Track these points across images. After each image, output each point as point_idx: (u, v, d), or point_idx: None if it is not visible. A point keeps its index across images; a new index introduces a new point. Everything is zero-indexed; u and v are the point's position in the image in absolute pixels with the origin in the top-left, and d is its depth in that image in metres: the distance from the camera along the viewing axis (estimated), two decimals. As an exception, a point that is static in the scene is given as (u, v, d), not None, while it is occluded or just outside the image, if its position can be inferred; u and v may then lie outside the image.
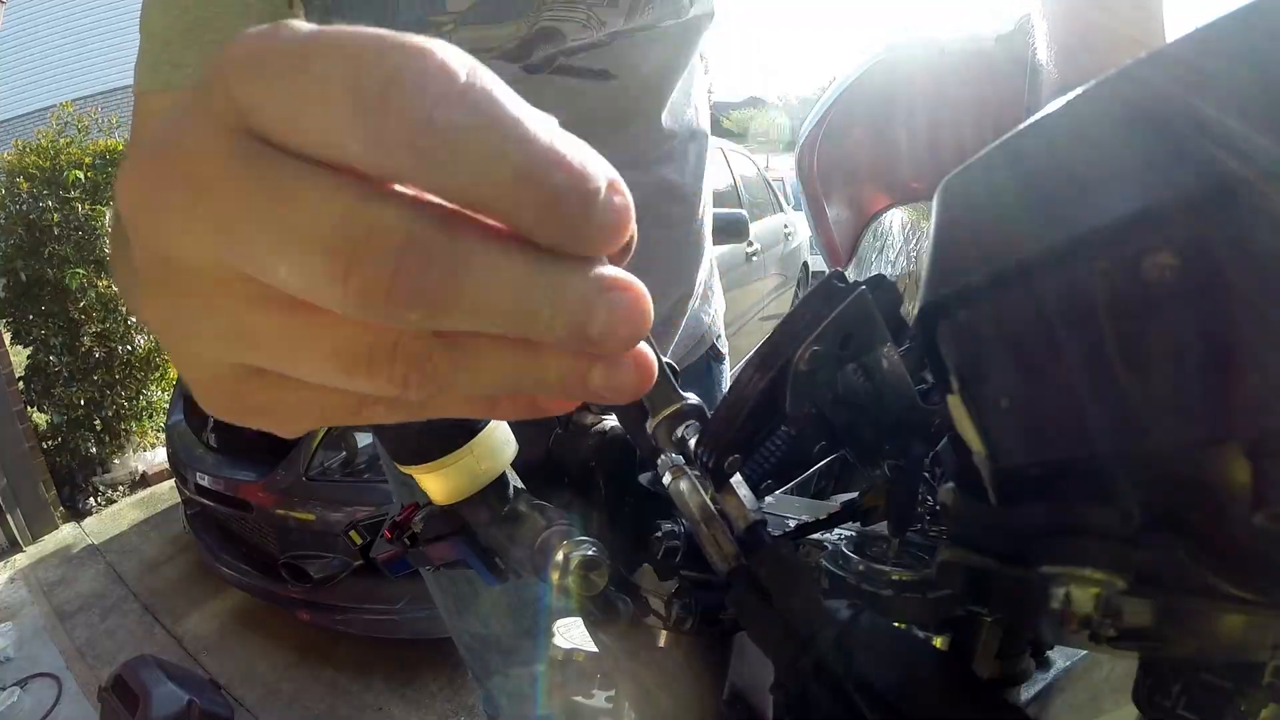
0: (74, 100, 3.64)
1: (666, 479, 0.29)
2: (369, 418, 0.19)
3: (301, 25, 0.15)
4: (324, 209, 0.14)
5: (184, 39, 0.56)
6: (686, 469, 0.28)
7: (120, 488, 3.41)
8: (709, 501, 0.27)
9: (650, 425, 0.27)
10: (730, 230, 2.99)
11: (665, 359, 0.31)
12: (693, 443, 0.28)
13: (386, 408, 0.18)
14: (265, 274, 0.15)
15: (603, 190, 0.16)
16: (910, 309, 0.27)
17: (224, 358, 0.17)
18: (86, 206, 3.15)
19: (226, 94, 0.15)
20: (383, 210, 0.14)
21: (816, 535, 0.33)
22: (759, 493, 0.29)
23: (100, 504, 3.30)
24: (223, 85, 0.15)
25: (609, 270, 0.18)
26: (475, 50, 0.73)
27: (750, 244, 3.84)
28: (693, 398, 0.28)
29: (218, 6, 0.56)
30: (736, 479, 0.28)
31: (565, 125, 0.17)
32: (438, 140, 0.14)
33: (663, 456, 0.29)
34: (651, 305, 0.19)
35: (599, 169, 0.16)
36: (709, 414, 0.28)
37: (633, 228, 0.18)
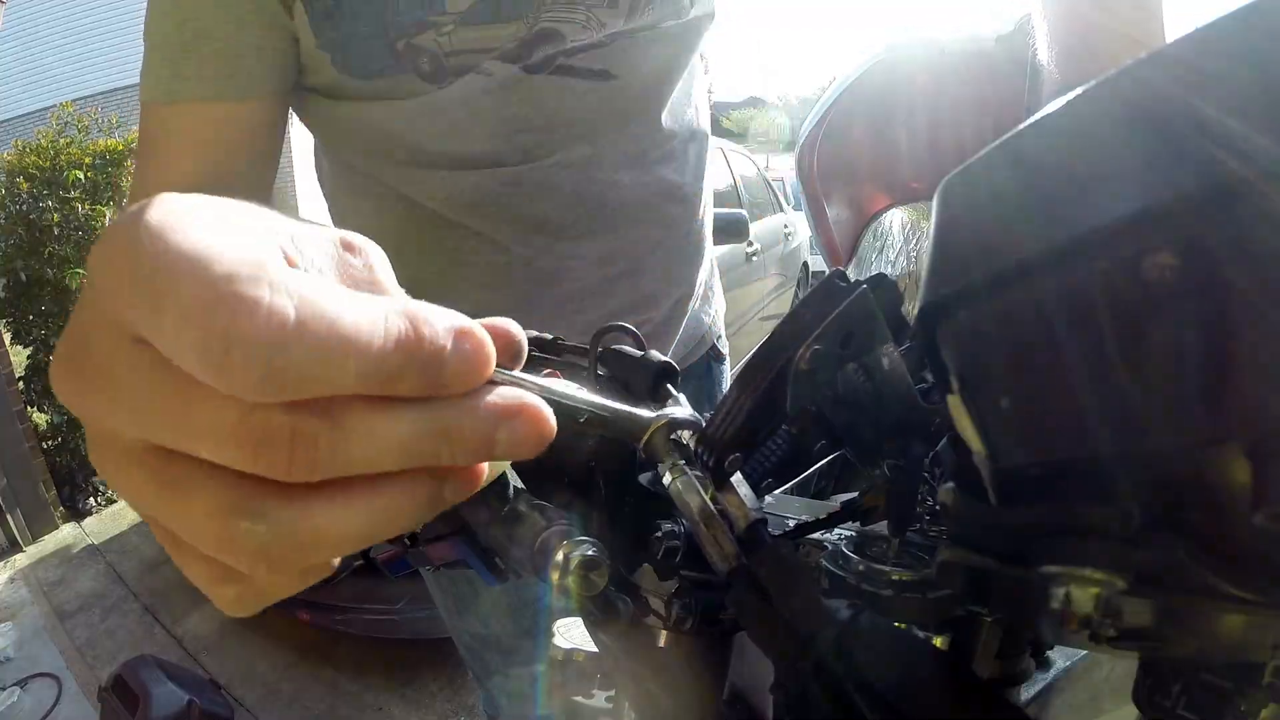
0: (74, 100, 3.64)
1: (666, 479, 0.28)
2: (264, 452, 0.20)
3: (155, 222, 0.17)
4: (220, 415, 0.17)
5: (184, 52, 0.57)
6: (686, 469, 0.28)
7: (120, 488, 3.41)
8: (709, 501, 0.27)
9: (640, 445, 0.27)
10: (730, 230, 2.99)
11: (665, 361, 0.31)
12: (692, 443, 0.28)
13: (283, 449, 0.19)
14: (179, 445, 0.18)
15: (448, 346, 0.18)
16: (910, 309, 0.27)
17: (129, 431, 0.19)
18: (86, 206, 3.15)
19: (110, 306, 0.18)
20: (268, 413, 0.17)
21: (816, 535, 0.33)
22: (759, 492, 0.29)
23: (100, 504, 3.30)
24: (106, 296, 0.18)
25: (503, 396, 0.20)
26: (474, 51, 0.73)
27: (750, 244, 3.84)
28: (676, 411, 0.28)
29: (216, 18, 0.57)
30: (737, 478, 0.28)
31: (565, 125, 0.17)
32: (283, 379, 0.16)
33: (662, 458, 0.29)
34: (551, 419, 0.21)
35: (439, 328, 0.18)
36: (693, 416, 0.28)
37: (492, 362, 0.20)
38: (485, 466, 0.22)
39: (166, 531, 0.19)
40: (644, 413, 0.27)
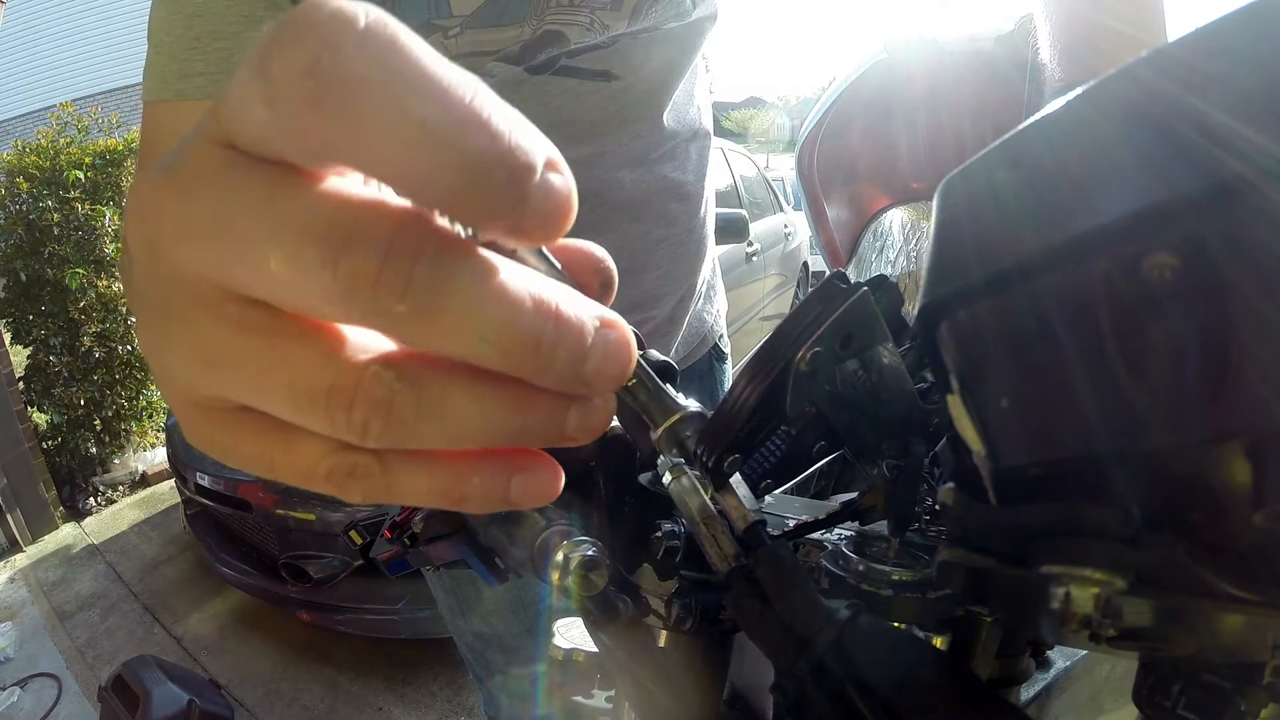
0: (74, 100, 3.64)
1: (666, 479, 0.29)
2: (322, 486, 0.17)
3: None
4: (314, 203, 0.14)
5: (191, 50, 0.56)
6: (686, 469, 0.28)
7: (120, 488, 3.41)
8: (709, 501, 0.27)
9: (654, 436, 0.27)
10: (730, 230, 2.99)
11: (664, 360, 0.31)
12: (692, 443, 0.28)
13: (338, 481, 0.17)
14: (255, 268, 0.15)
15: (539, 169, 0.15)
16: (910, 309, 0.27)
17: (196, 384, 0.17)
18: (86, 206, 3.15)
19: (214, 115, 0.15)
20: (372, 204, 0.14)
21: (816, 535, 0.33)
22: (758, 492, 0.29)
23: (100, 504, 3.30)
24: (213, 109, 0.16)
25: (605, 311, 0.18)
26: (479, 53, 0.73)
27: (750, 244, 3.84)
28: (693, 405, 0.28)
29: (223, 18, 0.56)
30: (736, 479, 0.28)
31: (568, 124, 0.17)
32: (328, 94, 0.13)
33: (663, 456, 0.29)
34: (635, 349, 0.18)
35: (535, 144, 0.15)
36: (708, 416, 0.28)
37: (572, 216, 0.16)
38: (561, 473, 0.20)
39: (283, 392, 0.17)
40: (679, 399, 0.26)
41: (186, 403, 0.18)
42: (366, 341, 0.16)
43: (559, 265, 0.18)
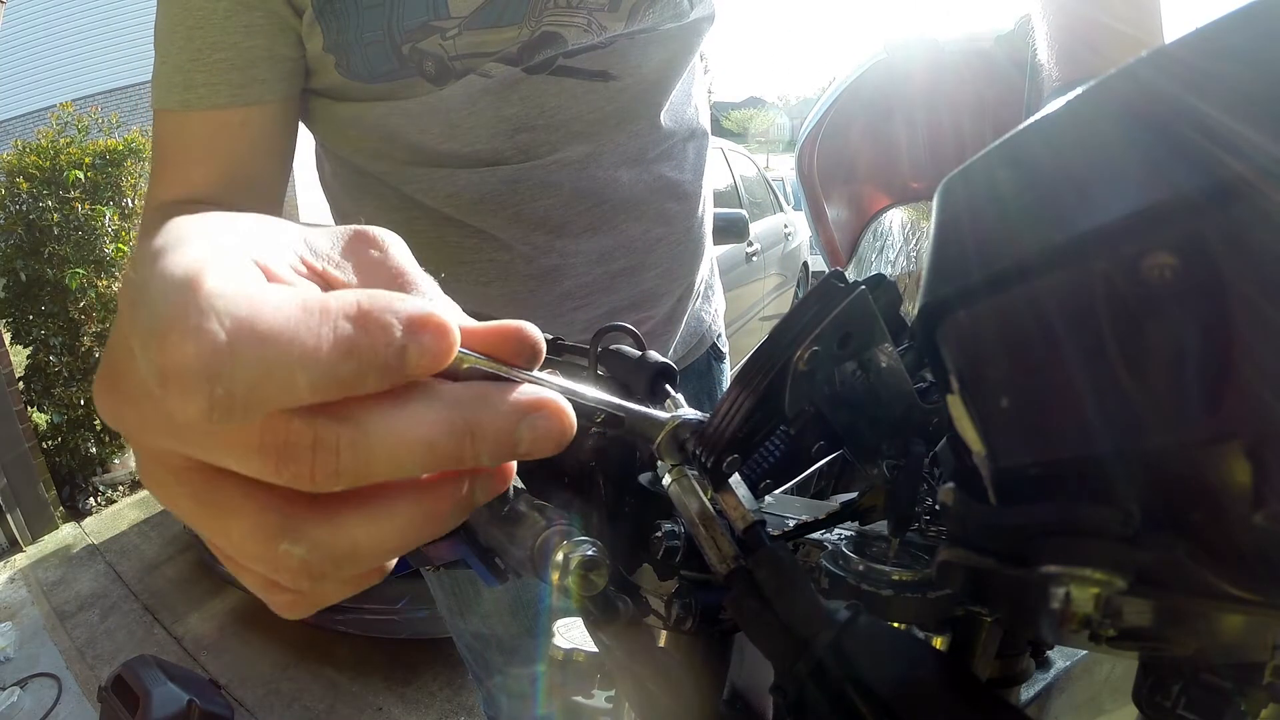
0: (74, 100, 3.64)
1: (666, 480, 0.28)
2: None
3: (142, 253, 0.18)
4: (243, 428, 0.17)
5: (194, 61, 0.58)
6: (686, 469, 0.28)
7: (120, 488, 3.41)
8: (707, 502, 0.27)
9: (655, 448, 0.28)
10: (730, 230, 2.99)
11: (664, 361, 0.31)
12: (691, 444, 0.28)
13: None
14: (214, 461, 0.18)
15: (404, 343, 0.18)
16: (910, 309, 0.27)
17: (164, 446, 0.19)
18: (86, 206, 3.15)
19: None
20: (286, 421, 0.17)
21: (816, 535, 0.33)
22: (758, 492, 0.29)
23: (100, 504, 3.30)
24: (123, 320, 0.19)
25: (525, 393, 0.20)
26: (477, 54, 0.74)
27: (750, 244, 3.84)
28: (688, 412, 0.28)
29: (223, 29, 0.57)
30: (735, 479, 0.28)
31: (565, 124, 0.17)
32: (229, 403, 0.16)
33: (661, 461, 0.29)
34: (571, 414, 0.21)
35: (394, 323, 0.18)
36: (701, 417, 0.28)
37: (455, 347, 0.19)
38: (513, 466, 0.22)
39: (215, 544, 0.20)
40: (658, 414, 0.27)
41: (151, 461, 0.21)
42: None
43: (480, 357, 0.21)
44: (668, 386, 0.37)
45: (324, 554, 0.18)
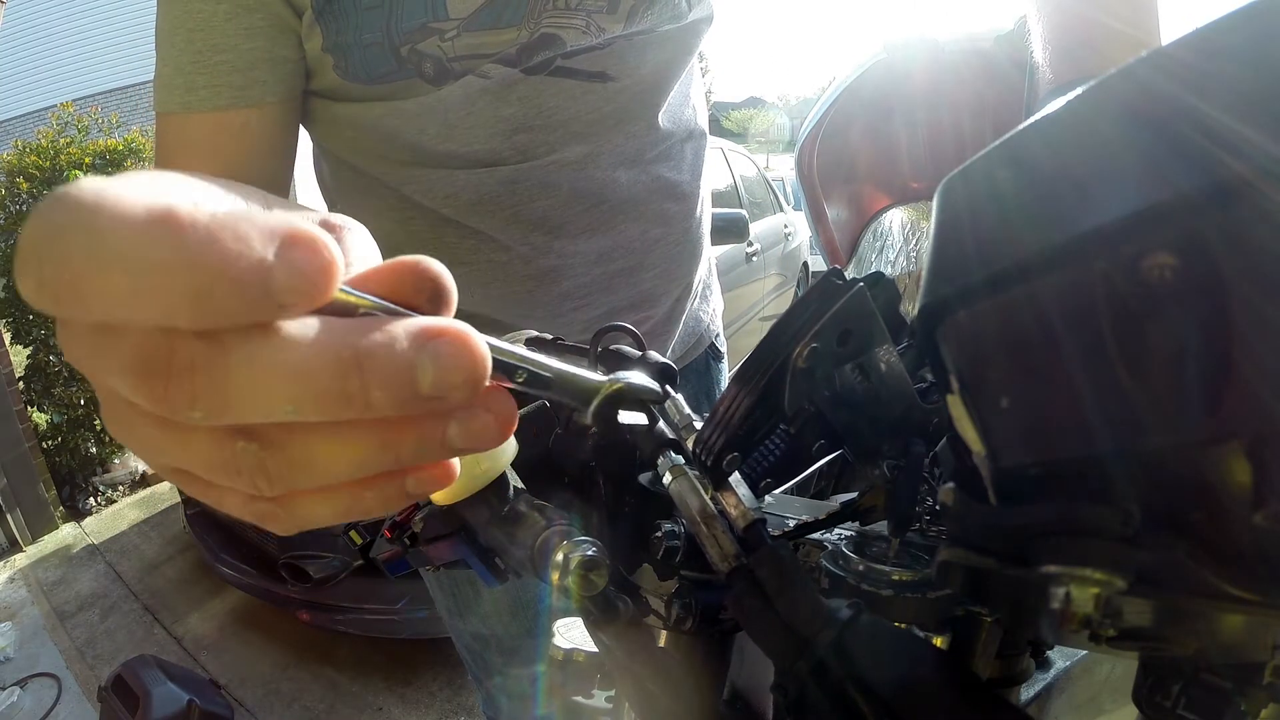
0: (74, 100, 3.64)
1: (666, 479, 0.28)
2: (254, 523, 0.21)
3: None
4: (123, 345, 0.16)
5: (195, 64, 0.58)
6: (686, 468, 0.28)
7: (120, 488, 3.41)
8: (708, 501, 0.27)
9: (590, 410, 0.26)
10: (730, 230, 2.99)
11: (664, 361, 0.31)
12: (690, 442, 0.28)
13: (261, 522, 0.20)
14: (108, 377, 0.17)
15: (270, 258, 0.15)
16: (910, 309, 0.27)
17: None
18: (86, 206, 3.14)
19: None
20: (153, 338, 0.16)
21: (816, 535, 0.33)
22: (758, 491, 0.29)
23: (100, 504, 3.30)
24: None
25: (424, 321, 0.18)
26: (475, 55, 0.74)
27: (750, 244, 3.84)
28: (634, 377, 0.26)
29: (224, 32, 0.58)
30: (735, 478, 0.28)
31: (563, 125, 0.17)
32: (60, 291, 0.15)
33: (662, 457, 0.29)
34: (483, 347, 0.18)
35: (254, 238, 0.15)
36: (650, 384, 0.27)
37: (337, 272, 0.17)
38: (453, 463, 0.21)
39: (181, 473, 0.19)
40: (593, 376, 0.24)
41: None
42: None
43: (370, 297, 0.18)
44: (668, 387, 0.37)
45: (278, 451, 0.18)
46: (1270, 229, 0.13)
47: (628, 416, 0.26)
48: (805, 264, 5.30)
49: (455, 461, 0.21)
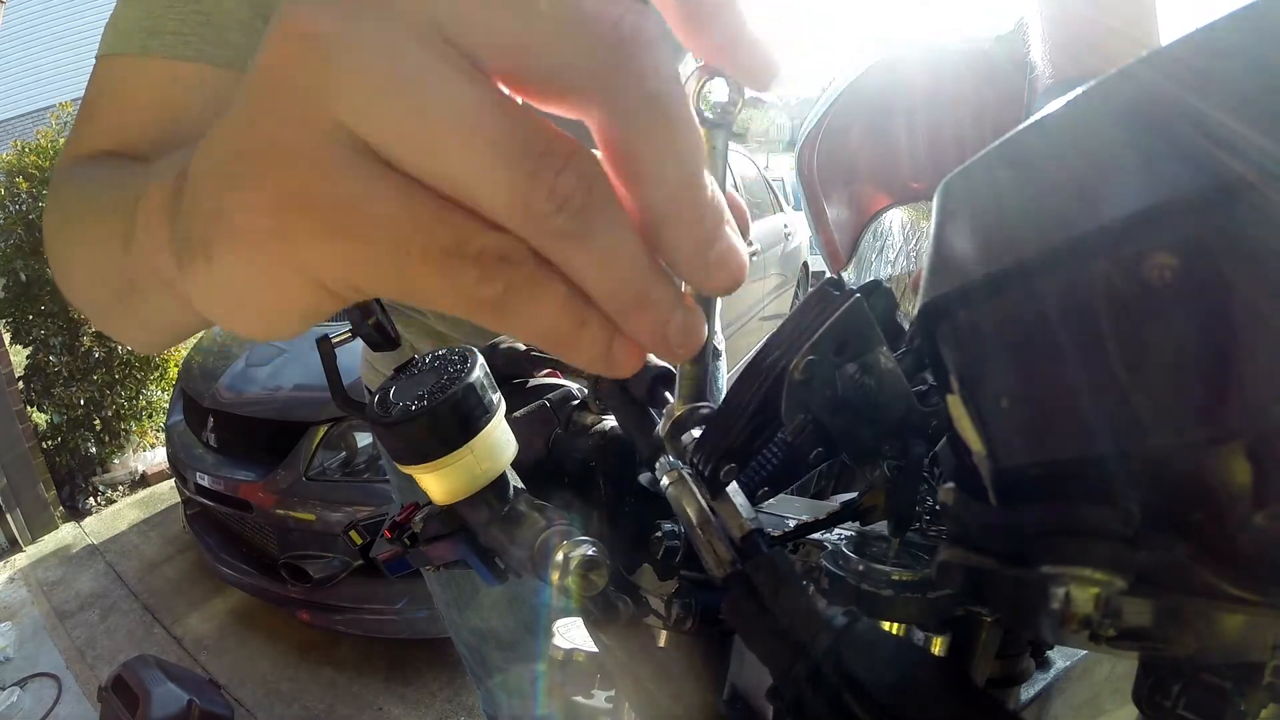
0: (74, 100, 3.63)
1: (664, 482, 0.28)
2: (466, 266, 0.17)
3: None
4: (510, 108, 0.15)
5: (167, 8, 0.53)
6: (685, 473, 0.28)
7: (120, 488, 3.41)
8: (705, 506, 0.27)
9: (664, 423, 0.27)
10: (730, 230, 2.98)
11: (664, 366, 0.31)
12: (690, 450, 0.28)
13: (488, 264, 0.17)
14: (437, 151, 0.15)
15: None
16: (910, 310, 0.27)
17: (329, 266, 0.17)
18: (86, 206, 3.14)
19: (324, 105, 0.15)
20: (550, 126, 0.16)
21: (816, 535, 0.33)
22: (756, 500, 0.29)
23: (100, 504, 3.30)
24: (317, 92, 0.15)
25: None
26: None
27: (750, 244, 3.83)
28: (709, 405, 0.27)
29: None
30: (732, 487, 0.28)
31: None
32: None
33: (661, 459, 0.29)
34: (748, 265, 0.19)
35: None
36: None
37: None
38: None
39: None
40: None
41: (292, 287, 0.17)
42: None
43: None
44: (666, 393, 0.37)
45: (601, 188, 0.17)
46: (1270, 229, 0.13)
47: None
48: (805, 264, 5.30)
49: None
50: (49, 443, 3.21)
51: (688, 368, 0.26)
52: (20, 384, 3.12)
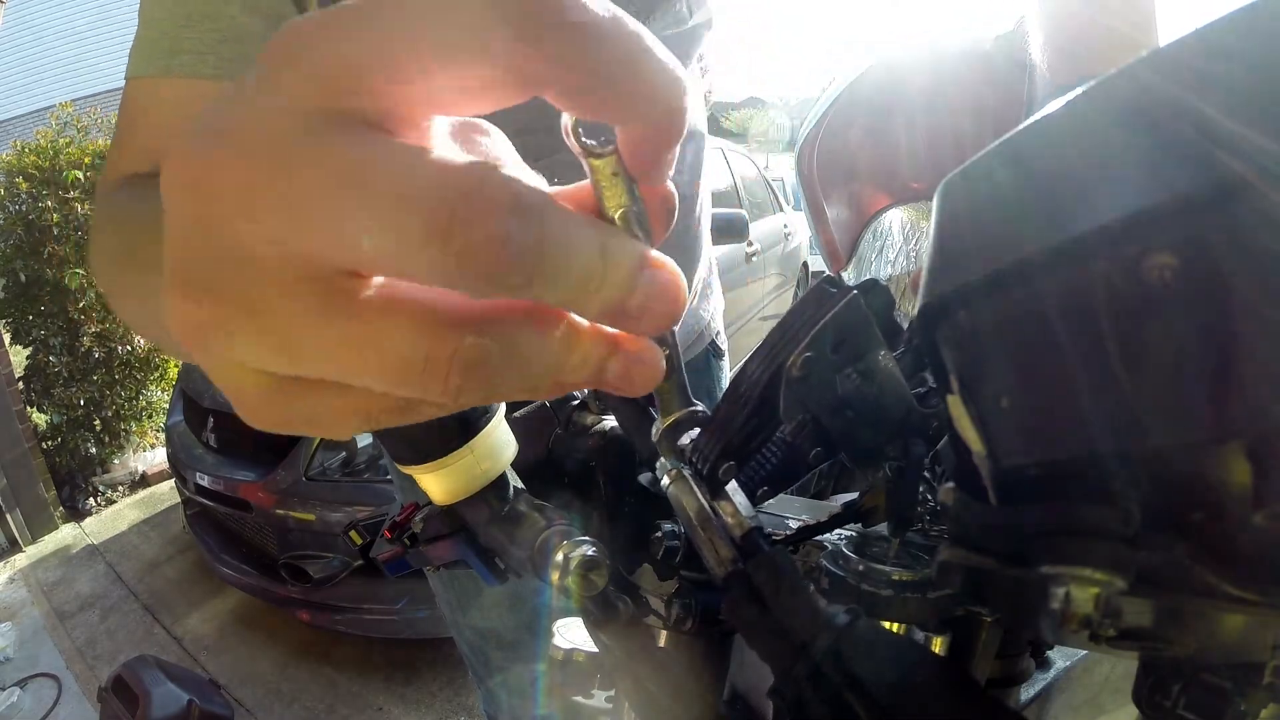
0: (74, 100, 3.64)
1: (664, 482, 0.28)
2: (417, 416, 0.18)
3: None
4: (421, 173, 0.13)
5: (183, 28, 0.55)
6: (684, 473, 0.28)
7: (120, 488, 3.41)
8: (705, 505, 0.27)
9: (656, 430, 0.27)
10: (730, 230, 2.98)
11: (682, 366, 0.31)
12: (689, 449, 0.28)
13: (434, 407, 0.17)
14: (346, 247, 0.14)
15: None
16: (910, 310, 0.27)
17: (266, 365, 0.16)
18: (86, 206, 3.15)
19: (299, 73, 0.14)
20: (486, 173, 0.14)
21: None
22: (755, 499, 0.29)
23: (100, 504, 3.30)
24: (292, 66, 0.14)
25: (653, 252, 0.18)
26: None
27: (750, 244, 3.84)
28: (701, 406, 0.28)
29: (223, 0, 0.55)
30: (731, 486, 0.28)
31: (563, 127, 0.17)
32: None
33: (661, 459, 0.29)
34: (686, 292, 0.18)
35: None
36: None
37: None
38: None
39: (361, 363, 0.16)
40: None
41: (247, 384, 0.17)
42: (449, 301, 0.16)
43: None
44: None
45: (504, 347, 0.16)
46: (1270, 229, 0.13)
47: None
48: (805, 264, 5.31)
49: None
50: (49, 443, 3.21)
51: (663, 385, 0.26)
52: (20, 384, 3.12)
